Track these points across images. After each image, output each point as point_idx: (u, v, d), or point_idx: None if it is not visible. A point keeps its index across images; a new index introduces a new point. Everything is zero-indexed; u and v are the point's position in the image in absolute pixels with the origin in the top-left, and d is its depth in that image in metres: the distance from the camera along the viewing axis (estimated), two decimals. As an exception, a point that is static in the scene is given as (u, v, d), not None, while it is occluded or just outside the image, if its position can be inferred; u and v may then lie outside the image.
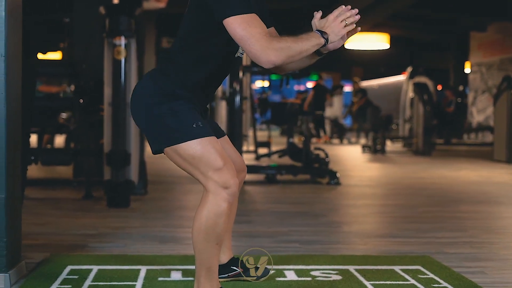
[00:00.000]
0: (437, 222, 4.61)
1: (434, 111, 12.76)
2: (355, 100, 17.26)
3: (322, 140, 16.10)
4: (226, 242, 2.82)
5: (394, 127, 16.23)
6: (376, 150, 12.18)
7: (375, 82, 25.25)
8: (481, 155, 11.69)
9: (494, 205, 5.62)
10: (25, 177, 4.04)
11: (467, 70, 19.13)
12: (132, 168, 5.26)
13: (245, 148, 10.44)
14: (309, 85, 30.54)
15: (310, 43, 2.35)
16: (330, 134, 17.52)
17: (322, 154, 7.56)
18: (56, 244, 3.64)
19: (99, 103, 5.62)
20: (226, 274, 2.84)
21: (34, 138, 7.71)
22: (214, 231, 2.37)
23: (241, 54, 2.51)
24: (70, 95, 7.48)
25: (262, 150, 10.13)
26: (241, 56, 2.53)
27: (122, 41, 5.15)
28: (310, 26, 2.46)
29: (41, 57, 5.08)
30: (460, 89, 17.62)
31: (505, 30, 16.37)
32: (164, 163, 7.84)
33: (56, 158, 5.95)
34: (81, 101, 5.83)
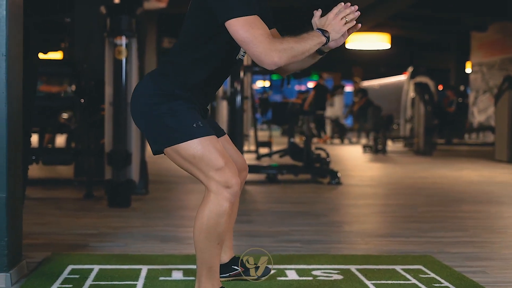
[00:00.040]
0: (438, 222, 4.61)
1: (435, 111, 12.75)
2: (356, 100, 17.27)
3: (322, 140, 16.09)
4: (228, 241, 2.82)
5: (395, 127, 16.23)
6: (377, 150, 12.18)
7: (376, 82, 25.26)
8: (482, 155, 11.69)
9: (495, 205, 5.61)
10: (26, 176, 4.04)
11: (468, 70, 19.12)
12: (133, 167, 5.26)
13: (246, 148, 10.43)
14: (310, 85, 30.56)
15: (312, 42, 2.34)
16: (331, 134, 17.52)
17: (323, 154, 7.55)
18: (57, 243, 3.64)
19: (100, 103, 5.62)
20: (227, 274, 2.83)
21: (35, 138, 7.72)
22: (216, 231, 2.37)
23: (242, 56, 2.50)
24: (71, 95, 7.48)
25: (263, 150, 10.14)
26: (242, 58, 2.53)
27: (123, 40, 5.15)
28: (310, 24, 2.46)
29: (42, 57, 5.07)
30: (461, 89, 17.62)
31: (506, 30, 16.36)
32: (165, 163, 7.84)
33: (57, 158, 5.96)
34: (82, 100, 5.83)
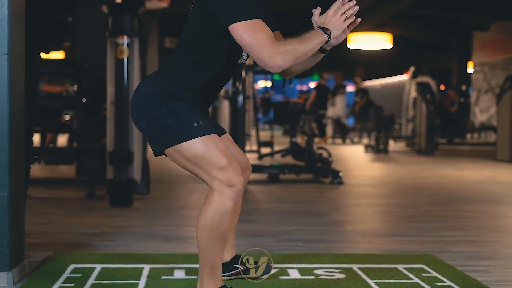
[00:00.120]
0: (440, 221, 4.60)
1: (437, 111, 12.74)
2: (357, 100, 17.27)
3: (323, 140, 16.08)
4: (230, 240, 2.81)
5: (396, 127, 16.22)
6: (378, 149, 12.17)
7: (378, 82, 25.25)
8: (484, 155, 11.68)
9: (497, 204, 5.61)
10: (28, 176, 4.05)
11: (470, 69, 19.10)
12: (135, 167, 5.26)
13: (248, 147, 10.42)
14: (311, 85, 30.57)
15: (315, 42, 2.34)
16: (333, 134, 17.51)
17: (325, 153, 7.55)
18: (59, 242, 3.64)
19: (102, 102, 5.62)
20: (229, 272, 2.83)
21: (37, 137, 7.73)
22: (219, 230, 2.36)
23: (244, 60, 2.50)
24: (73, 95, 7.48)
25: (265, 150, 10.13)
26: (244, 62, 2.52)
27: (125, 40, 5.14)
28: (311, 26, 2.46)
29: (44, 56, 5.07)
30: (463, 88, 17.60)
31: (507, 30, 16.34)
32: (166, 162, 7.82)
33: (59, 157, 5.97)
34: (83, 100, 5.83)
